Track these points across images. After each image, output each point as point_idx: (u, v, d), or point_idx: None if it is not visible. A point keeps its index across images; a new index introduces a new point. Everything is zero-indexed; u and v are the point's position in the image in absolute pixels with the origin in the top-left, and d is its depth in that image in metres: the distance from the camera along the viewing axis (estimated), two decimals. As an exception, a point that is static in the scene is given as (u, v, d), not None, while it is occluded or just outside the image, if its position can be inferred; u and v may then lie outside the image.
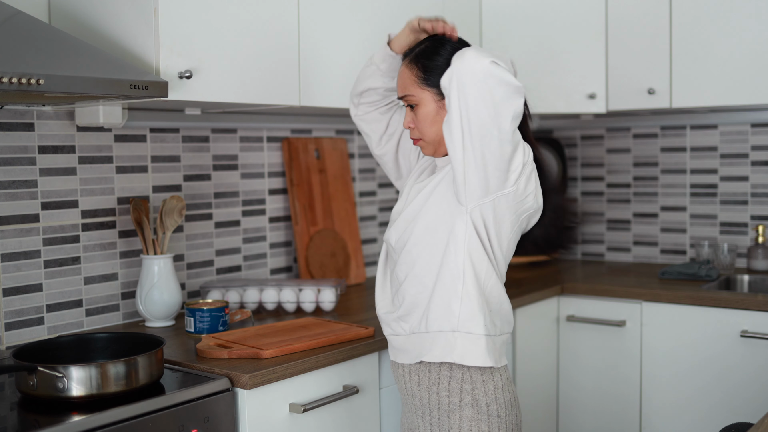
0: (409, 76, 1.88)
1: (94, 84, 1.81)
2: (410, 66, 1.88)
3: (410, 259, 1.87)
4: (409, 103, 1.89)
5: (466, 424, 1.82)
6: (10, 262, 2.17)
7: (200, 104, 2.33)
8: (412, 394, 1.91)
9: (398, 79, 1.92)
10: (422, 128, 1.88)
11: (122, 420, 1.66)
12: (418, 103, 1.87)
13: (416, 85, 1.86)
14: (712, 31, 2.95)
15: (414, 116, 1.89)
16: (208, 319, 2.24)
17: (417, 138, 1.91)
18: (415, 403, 1.91)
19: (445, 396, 1.84)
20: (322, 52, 2.47)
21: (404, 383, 1.93)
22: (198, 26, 2.12)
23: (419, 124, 1.89)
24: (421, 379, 1.88)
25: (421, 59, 1.87)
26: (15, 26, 1.81)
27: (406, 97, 1.89)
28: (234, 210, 2.75)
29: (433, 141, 1.89)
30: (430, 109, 1.86)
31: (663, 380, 2.85)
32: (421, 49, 1.89)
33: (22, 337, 2.19)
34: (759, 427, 1.56)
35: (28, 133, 2.20)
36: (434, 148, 1.91)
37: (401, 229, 1.90)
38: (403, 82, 1.89)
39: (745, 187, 3.26)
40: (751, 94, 2.90)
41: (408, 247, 1.88)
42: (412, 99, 1.87)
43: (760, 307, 2.67)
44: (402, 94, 1.90)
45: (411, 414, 1.94)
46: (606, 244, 3.60)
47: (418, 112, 1.87)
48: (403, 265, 1.89)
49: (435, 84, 1.84)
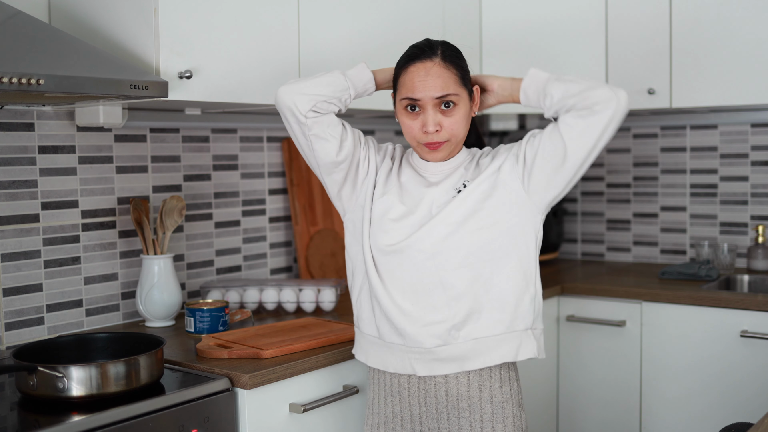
0: (450, 76, 1.83)
1: (94, 84, 1.81)
2: (448, 66, 1.84)
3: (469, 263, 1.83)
4: (449, 102, 1.83)
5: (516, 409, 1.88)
6: (10, 262, 2.17)
7: (200, 104, 2.33)
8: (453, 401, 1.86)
9: (428, 79, 1.83)
10: (456, 129, 1.84)
11: (122, 420, 1.66)
12: (458, 103, 1.83)
13: (458, 84, 1.84)
14: (712, 31, 2.95)
15: (444, 118, 1.83)
16: (208, 319, 2.24)
17: (444, 140, 1.85)
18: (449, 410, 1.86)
19: (497, 388, 1.86)
20: (322, 53, 2.47)
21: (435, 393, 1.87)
22: (198, 26, 2.12)
23: (456, 125, 1.84)
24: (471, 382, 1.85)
25: (457, 62, 1.86)
26: (15, 26, 1.81)
27: (447, 96, 1.82)
28: (234, 210, 2.75)
29: (459, 141, 1.88)
30: (467, 108, 1.86)
31: (663, 380, 2.85)
32: (451, 52, 1.87)
33: (22, 337, 2.19)
34: (759, 427, 1.56)
35: (28, 133, 2.20)
36: (451, 150, 1.89)
37: (442, 233, 1.83)
38: (444, 82, 1.82)
39: (745, 187, 3.26)
40: (751, 94, 2.90)
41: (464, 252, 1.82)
42: (454, 98, 1.83)
43: (760, 307, 2.66)
44: (442, 94, 1.82)
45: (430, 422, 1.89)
46: (606, 244, 3.60)
47: (456, 112, 1.83)
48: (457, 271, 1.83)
49: (467, 86, 1.87)
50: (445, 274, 1.83)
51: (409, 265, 1.85)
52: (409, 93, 1.84)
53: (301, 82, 1.89)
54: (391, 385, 1.91)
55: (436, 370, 1.84)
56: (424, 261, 1.84)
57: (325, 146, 1.88)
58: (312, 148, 1.90)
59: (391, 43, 2.70)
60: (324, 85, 1.88)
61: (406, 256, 1.85)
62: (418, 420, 1.88)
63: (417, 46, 1.89)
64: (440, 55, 1.85)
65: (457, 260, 1.83)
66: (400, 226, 1.87)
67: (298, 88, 1.87)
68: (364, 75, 1.94)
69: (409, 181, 1.92)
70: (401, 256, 1.85)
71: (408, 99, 1.85)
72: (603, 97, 1.77)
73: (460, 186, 1.87)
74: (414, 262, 1.84)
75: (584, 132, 1.77)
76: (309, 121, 1.87)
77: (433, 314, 1.84)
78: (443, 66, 1.84)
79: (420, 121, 1.84)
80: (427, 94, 1.82)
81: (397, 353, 1.86)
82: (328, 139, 1.88)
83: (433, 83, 1.82)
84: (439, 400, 1.85)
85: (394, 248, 1.86)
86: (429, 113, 1.83)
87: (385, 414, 1.92)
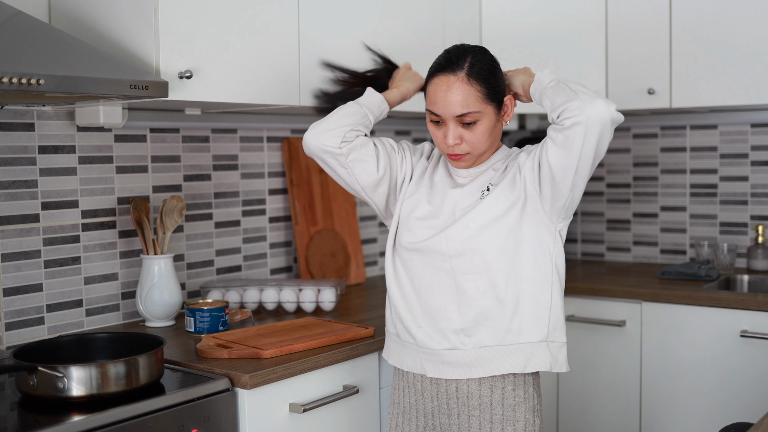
0: (472, 93, 1.81)
1: (94, 84, 1.81)
2: (471, 82, 1.81)
3: (485, 269, 1.82)
4: (468, 121, 1.82)
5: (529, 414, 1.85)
6: (11, 262, 2.17)
7: (200, 104, 2.33)
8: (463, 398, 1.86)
9: (450, 97, 1.82)
10: (477, 143, 1.84)
11: (122, 420, 1.66)
12: (480, 119, 1.82)
13: (480, 101, 1.81)
14: (712, 31, 2.95)
15: (466, 132, 1.83)
16: (208, 319, 2.24)
17: (464, 153, 1.85)
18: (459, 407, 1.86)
19: (510, 390, 1.84)
20: (322, 52, 2.47)
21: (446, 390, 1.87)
22: (198, 26, 2.12)
23: (475, 139, 1.83)
24: (482, 381, 1.84)
25: (483, 76, 1.82)
26: (15, 26, 1.81)
27: (468, 115, 1.81)
28: (234, 210, 2.75)
29: (481, 153, 1.87)
30: (491, 123, 1.84)
31: (663, 380, 2.85)
32: (477, 65, 1.83)
33: (23, 337, 2.19)
34: (759, 427, 1.56)
35: (29, 133, 2.20)
36: (475, 160, 1.89)
37: (462, 236, 1.83)
38: (464, 100, 1.81)
39: (745, 187, 3.26)
40: (751, 94, 2.90)
41: (480, 258, 1.82)
42: (475, 116, 1.81)
43: (760, 307, 2.67)
44: (463, 112, 1.81)
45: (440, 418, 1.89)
46: (606, 244, 3.60)
47: (477, 128, 1.82)
48: (473, 275, 1.83)
49: (496, 99, 1.84)
50: (461, 277, 1.83)
51: (428, 266, 1.87)
52: (431, 107, 1.86)
53: (322, 123, 1.93)
54: (407, 377, 1.95)
55: (443, 373, 1.86)
56: (441, 263, 1.85)
57: (365, 167, 1.92)
58: (353, 174, 1.93)
59: (391, 42, 2.70)
60: (343, 116, 1.93)
61: (426, 257, 1.87)
62: (431, 413, 1.91)
63: (448, 53, 1.88)
64: (466, 69, 1.82)
65: (473, 266, 1.82)
66: (424, 226, 1.88)
67: (321, 128, 1.92)
68: (374, 98, 1.97)
69: (440, 181, 1.94)
70: (422, 256, 1.88)
71: (429, 112, 1.87)
72: (574, 111, 1.71)
73: (485, 189, 1.86)
74: (433, 263, 1.86)
75: (563, 146, 1.74)
76: (344, 149, 1.91)
77: (444, 317, 1.85)
78: (466, 82, 1.81)
79: (442, 133, 1.86)
80: (446, 111, 1.83)
81: (411, 352, 1.91)
82: (366, 160, 1.92)
83: (453, 100, 1.81)
84: (450, 396, 1.87)
85: (416, 246, 1.88)
86: (450, 127, 1.84)
87: (403, 404, 1.96)
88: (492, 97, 1.83)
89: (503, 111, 1.89)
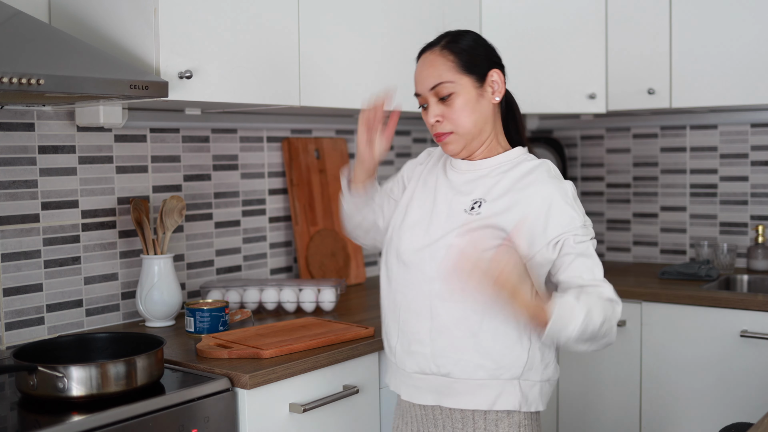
0: (443, 63, 1.72)
1: (94, 84, 1.81)
2: (443, 53, 1.73)
3: (461, 299, 1.70)
4: (443, 94, 1.72)
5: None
6: (10, 262, 2.17)
7: (200, 104, 2.33)
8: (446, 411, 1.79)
9: (423, 70, 1.75)
10: (459, 119, 1.72)
11: (122, 420, 1.66)
12: (455, 91, 1.71)
13: (453, 70, 1.72)
14: (713, 30, 2.95)
15: (445, 108, 1.73)
16: (208, 319, 2.24)
17: (448, 131, 1.74)
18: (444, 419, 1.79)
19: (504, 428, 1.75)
20: (322, 52, 2.47)
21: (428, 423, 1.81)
22: (198, 26, 2.12)
23: (455, 115, 1.72)
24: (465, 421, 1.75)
25: (455, 46, 1.73)
26: (15, 26, 1.81)
27: (440, 86, 1.71)
28: (234, 210, 2.75)
29: (468, 133, 1.74)
30: (470, 96, 1.72)
31: (663, 380, 2.85)
32: (455, 37, 1.75)
33: (23, 337, 2.19)
34: (759, 427, 1.56)
35: (29, 133, 2.20)
36: (465, 143, 1.76)
37: (443, 258, 1.72)
38: (434, 71, 1.73)
39: (745, 187, 3.26)
40: (751, 94, 2.90)
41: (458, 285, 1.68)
42: (448, 87, 1.71)
43: (760, 307, 2.67)
44: (435, 83, 1.72)
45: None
46: (606, 244, 3.60)
47: (455, 101, 1.72)
48: (448, 303, 1.72)
49: (474, 71, 1.73)
50: (437, 303, 1.73)
51: (410, 284, 1.78)
52: (415, 89, 1.80)
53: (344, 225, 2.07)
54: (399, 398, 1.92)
55: (414, 397, 1.80)
56: (422, 284, 1.75)
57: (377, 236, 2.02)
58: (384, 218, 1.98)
59: (390, 42, 2.70)
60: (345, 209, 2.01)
61: (409, 274, 1.78)
62: (422, 420, 1.83)
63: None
64: (442, 43, 1.75)
65: (449, 292, 1.70)
66: (414, 233, 1.79)
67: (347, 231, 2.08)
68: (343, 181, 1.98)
69: (434, 182, 1.85)
70: (407, 272, 1.78)
71: (415, 96, 1.80)
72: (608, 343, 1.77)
73: (476, 203, 1.74)
74: (414, 282, 1.77)
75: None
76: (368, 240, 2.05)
77: (417, 340, 1.76)
78: (439, 54, 1.74)
79: (426, 114, 1.78)
80: (422, 87, 1.76)
81: (392, 370, 1.88)
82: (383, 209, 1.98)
83: (426, 73, 1.75)
84: (435, 410, 1.81)
85: (403, 258, 1.79)
86: (430, 105, 1.75)
87: (402, 408, 1.89)
88: (468, 68, 1.73)
89: (488, 85, 1.75)
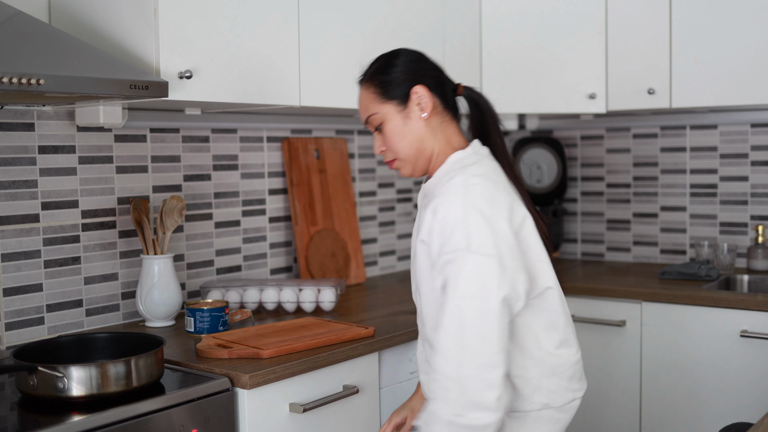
0: (368, 96, 1.80)
1: (94, 84, 1.81)
2: (366, 86, 1.81)
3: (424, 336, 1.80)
4: (375, 125, 1.80)
5: None
6: (11, 262, 2.17)
7: (200, 104, 2.33)
8: None
9: (359, 104, 1.84)
10: (394, 145, 1.78)
11: (122, 420, 1.66)
12: (383, 119, 1.78)
13: (376, 101, 1.79)
14: (712, 31, 2.95)
15: (383, 137, 1.80)
16: (208, 319, 2.24)
17: (392, 159, 1.82)
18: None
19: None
20: (322, 52, 2.47)
21: None
22: (198, 26, 2.12)
23: (390, 142, 1.79)
24: None
25: (376, 76, 1.80)
26: (15, 26, 1.81)
27: (370, 118, 1.80)
28: (234, 210, 2.75)
29: (408, 156, 1.79)
30: (396, 121, 1.77)
31: (663, 380, 2.85)
32: (373, 68, 1.82)
33: (23, 337, 2.19)
34: (759, 427, 1.56)
35: (29, 133, 2.20)
36: (412, 165, 1.81)
37: (414, 287, 1.83)
38: (363, 104, 1.82)
39: (745, 187, 3.26)
40: (751, 94, 2.90)
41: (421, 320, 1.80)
42: (377, 118, 1.79)
43: (759, 307, 2.67)
44: (365, 116, 1.81)
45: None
46: (606, 244, 3.60)
47: (386, 129, 1.78)
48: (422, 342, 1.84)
49: (394, 96, 1.78)
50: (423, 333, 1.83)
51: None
52: None
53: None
54: None
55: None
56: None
57: None
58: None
59: (390, 43, 2.70)
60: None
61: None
62: None
63: None
64: (366, 74, 1.83)
65: (421, 325, 1.81)
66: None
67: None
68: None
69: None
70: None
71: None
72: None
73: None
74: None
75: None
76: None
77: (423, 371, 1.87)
78: (364, 87, 1.82)
79: None
80: (362, 120, 1.84)
81: None
82: None
83: (360, 107, 1.84)
84: None
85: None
86: (374, 137, 1.84)
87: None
88: (388, 94, 1.77)
89: (412, 104, 1.77)
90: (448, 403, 1.58)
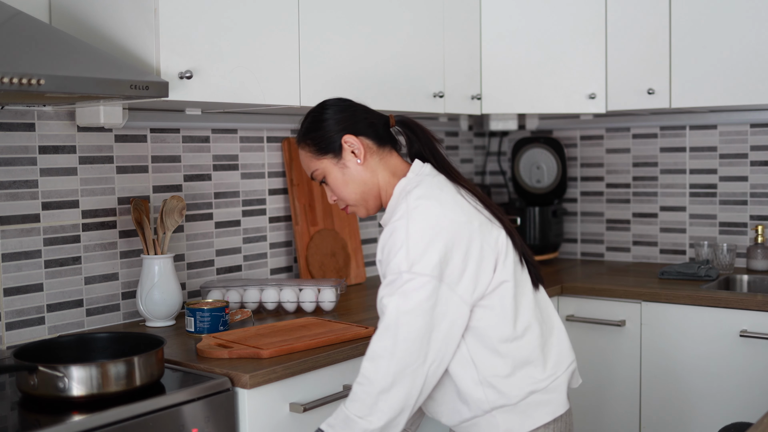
0: (305, 155, 1.91)
1: (95, 84, 1.81)
2: (302, 146, 1.91)
3: None
4: (319, 179, 1.91)
5: None
6: (11, 262, 2.17)
7: (200, 104, 2.33)
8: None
9: (301, 162, 1.95)
10: (341, 194, 1.90)
11: (122, 420, 1.66)
12: (324, 173, 1.89)
13: (314, 159, 1.89)
14: (712, 31, 2.95)
15: (329, 188, 1.92)
16: (209, 318, 2.25)
17: (344, 206, 1.93)
18: None
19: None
20: (322, 52, 2.47)
21: None
22: (198, 26, 2.12)
23: (336, 192, 1.90)
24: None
25: (308, 135, 1.90)
26: (15, 26, 1.81)
27: (313, 174, 1.91)
28: (234, 210, 2.75)
29: (357, 201, 1.90)
30: (336, 173, 1.88)
31: (663, 380, 2.85)
32: (304, 127, 1.92)
33: (23, 337, 2.20)
34: (759, 427, 1.57)
35: (29, 133, 2.21)
36: (365, 207, 1.92)
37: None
38: (303, 162, 1.93)
39: (745, 187, 3.26)
40: (750, 94, 2.90)
41: None
42: (318, 173, 1.90)
43: (759, 307, 2.67)
44: (309, 173, 1.93)
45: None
46: (606, 244, 3.60)
47: (329, 181, 1.90)
48: None
49: (328, 150, 1.88)
50: None
51: None
52: None
53: None
54: None
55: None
56: None
57: None
58: None
59: (391, 42, 2.70)
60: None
61: None
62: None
63: None
64: (299, 134, 1.92)
65: None
66: None
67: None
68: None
69: None
70: None
71: None
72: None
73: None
74: None
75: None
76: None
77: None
78: (301, 147, 1.93)
79: None
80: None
81: None
82: None
83: (303, 165, 1.94)
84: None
85: None
86: (325, 189, 1.95)
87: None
88: (322, 150, 1.88)
89: (346, 153, 1.88)
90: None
